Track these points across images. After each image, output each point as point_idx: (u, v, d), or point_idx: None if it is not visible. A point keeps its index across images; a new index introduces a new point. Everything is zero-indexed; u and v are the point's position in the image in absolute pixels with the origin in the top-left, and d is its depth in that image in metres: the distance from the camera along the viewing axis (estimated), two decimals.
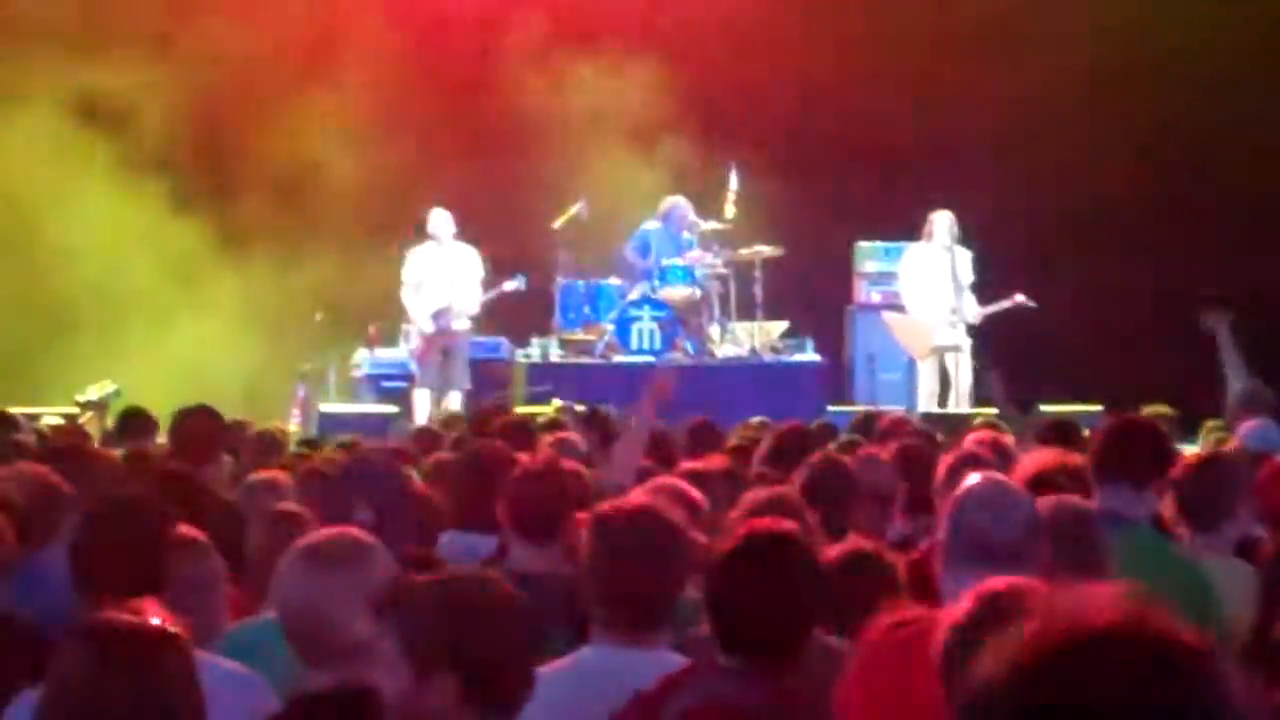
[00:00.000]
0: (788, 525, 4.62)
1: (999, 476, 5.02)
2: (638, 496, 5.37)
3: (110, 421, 12.46)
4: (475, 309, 16.84)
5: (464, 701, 3.68)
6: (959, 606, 3.60)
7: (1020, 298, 16.67)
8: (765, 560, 4.37)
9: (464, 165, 17.92)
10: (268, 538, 6.13)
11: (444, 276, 16.66)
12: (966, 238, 16.78)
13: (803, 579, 4.40)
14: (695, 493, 5.99)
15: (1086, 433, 8.60)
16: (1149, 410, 10.35)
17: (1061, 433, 8.37)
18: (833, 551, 5.30)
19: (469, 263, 16.75)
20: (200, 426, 8.24)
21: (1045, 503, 4.97)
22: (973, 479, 4.82)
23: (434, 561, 5.71)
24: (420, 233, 16.82)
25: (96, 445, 9.76)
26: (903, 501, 7.01)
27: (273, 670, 4.55)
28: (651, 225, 17.67)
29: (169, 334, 17.65)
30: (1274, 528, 6.58)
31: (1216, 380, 10.50)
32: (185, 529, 5.15)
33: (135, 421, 10.42)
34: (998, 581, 3.66)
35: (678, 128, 18.23)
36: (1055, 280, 17.19)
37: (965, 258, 16.76)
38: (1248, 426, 9.04)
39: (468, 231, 16.87)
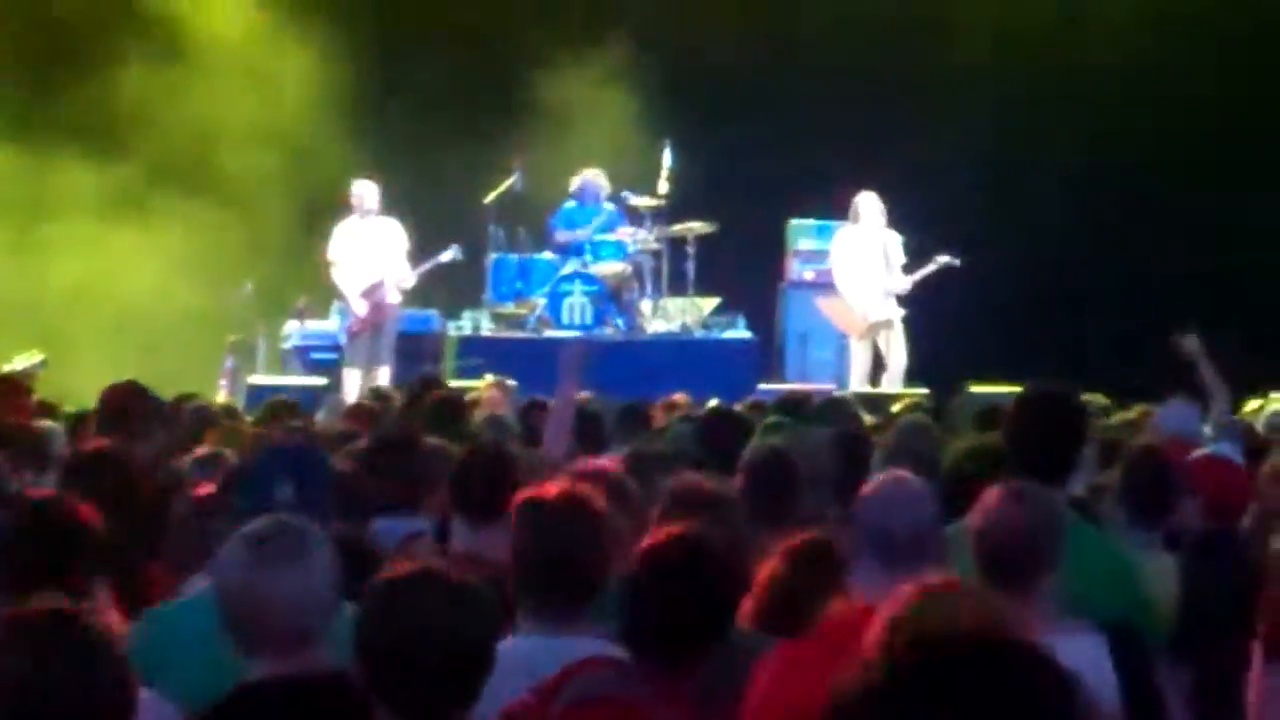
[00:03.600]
0: (697, 529, 4.68)
1: (900, 473, 5.09)
2: (564, 481, 5.36)
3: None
4: (411, 282, 16.75)
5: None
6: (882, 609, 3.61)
7: (944, 258, 16.65)
8: (672, 565, 4.47)
9: (394, 137, 17.85)
10: (186, 518, 6.10)
11: (370, 251, 16.55)
12: (896, 220, 16.80)
13: (711, 584, 4.47)
14: (625, 478, 5.97)
15: None
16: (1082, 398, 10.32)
17: (990, 421, 8.32)
18: (781, 544, 5.30)
19: (394, 236, 16.64)
20: (128, 401, 8.16)
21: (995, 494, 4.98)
22: (876, 477, 4.94)
23: (364, 545, 5.68)
24: (346, 206, 16.70)
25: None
26: (836, 486, 6.98)
27: (198, 651, 4.50)
28: (569, 204, 17.68)
29: (94, 303, 17.51)
30: (1213, 520, 6.60)
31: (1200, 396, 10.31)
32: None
33: (10, 388, 10.38)
34: (922, 583, 3.69)
35: (614, 102, 18.17)
36: (990, 257, 17.24)
37: (896, 240, 16.78)
38: (1164, 411, 9.04)
39: (397, 206, 16.77)
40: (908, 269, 16.77)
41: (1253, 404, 11.91)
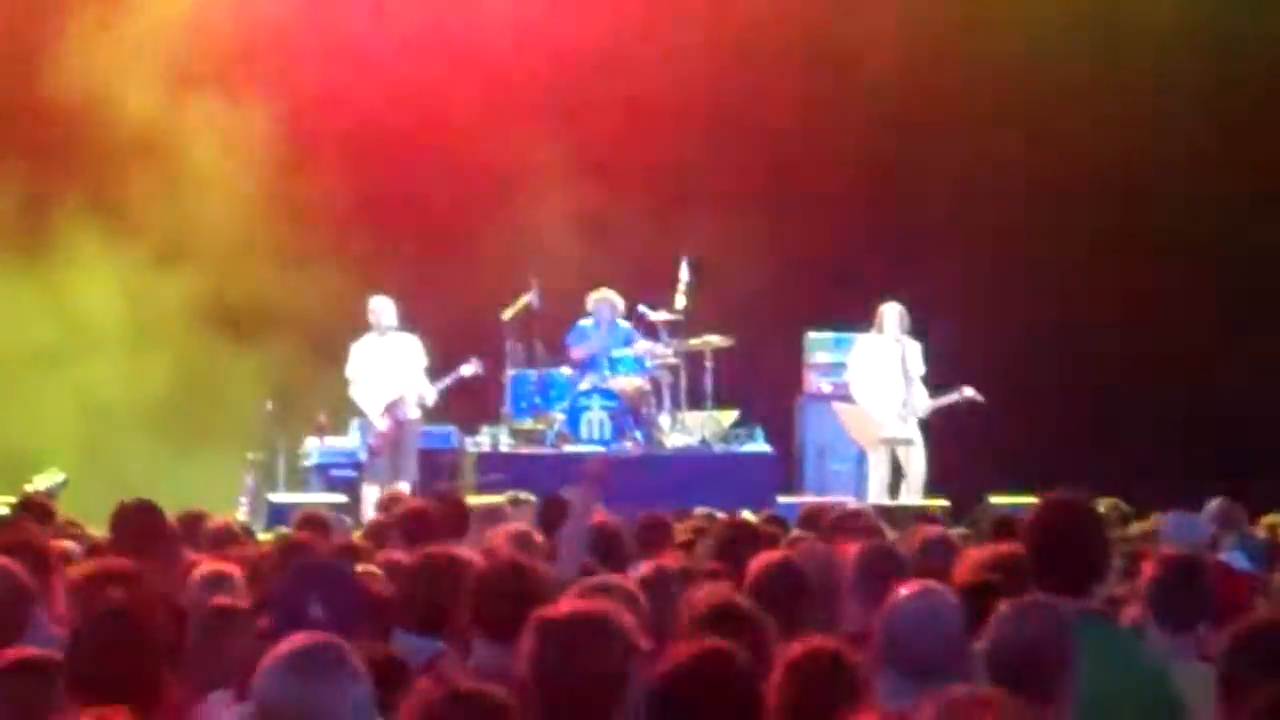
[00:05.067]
0: (719, 647, 4.68)
1: (929, 585, 5.08)
2: (581, 598, 5.38)
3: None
4: (432, 398, 16.79)
5: None
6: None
7: (969, 391, 16.72)
8: (695, 689, 4.45)
9: (414, 253, 17.96)
10: (207, 633, 6.15)
11: (389, 368, 16.62)
12: (918, 329, 16.86)
13: (736, 705, 4.47)
14: (635, 592, 5.99)
15: None
16: (1103, 502, 10.35)
17: (1007, 530, 8.31)
18: (793, 652, 5.29)
19: (412, 352, 16.72)
20: (141, 521, 8.24)
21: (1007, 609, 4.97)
22: (903, 590, 4.92)
23: (391, 661, 5.70)
24: (365, 323, 16.77)
25: None
26: (857, 597, 6.97)
27: None
28: (586, 322, 17.76)
29: (112, 420, 17.60)
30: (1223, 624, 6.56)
31: None
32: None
33: (34, 510, 10.45)
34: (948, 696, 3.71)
35: (631, 217, 18.26)
36: (1013, 366, 17.31)
37: (915, 349, 16.82)
38: (1168, 519, 9.04)
39: (417, 321, 16.84)
40: (928, 381, 16.81)
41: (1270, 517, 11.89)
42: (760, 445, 17.88)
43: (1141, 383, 18.29)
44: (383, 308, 16.69)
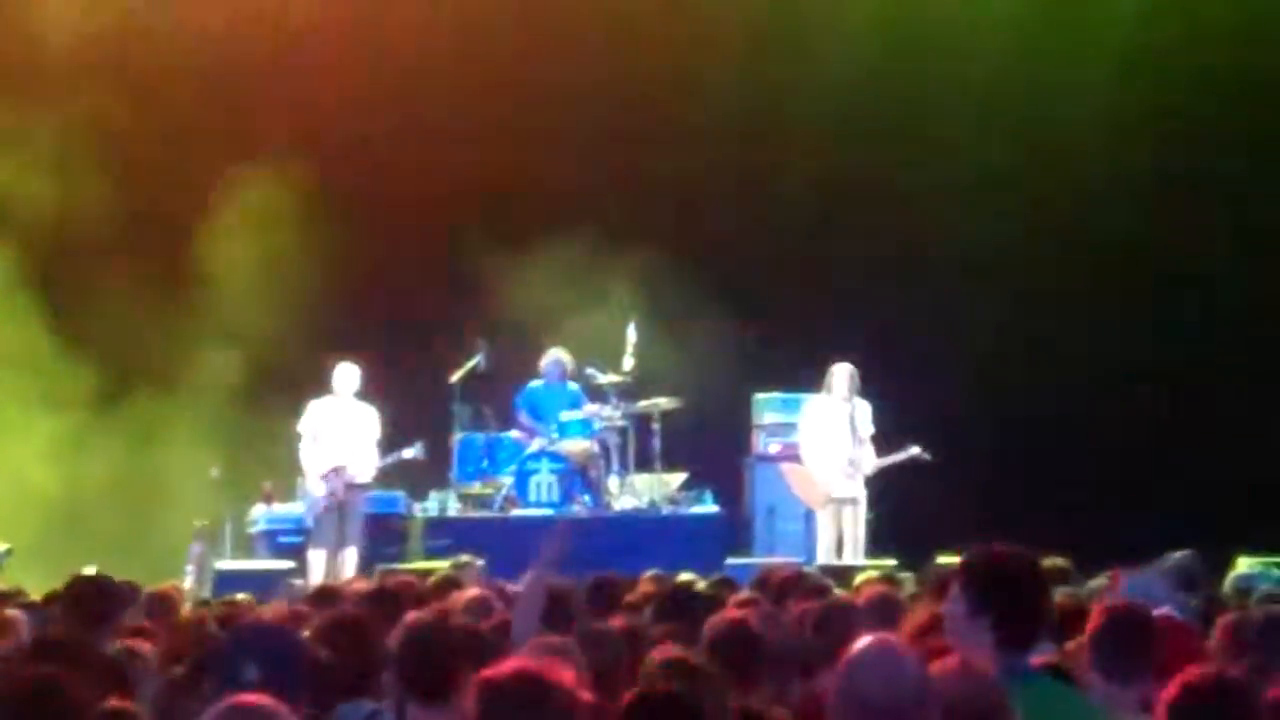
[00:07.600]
0: (678, 687, 4.64)
1: (888, 638, 5.00)
2: (523, 657, 5.34)
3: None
4: (370, 474, 16.67)
5: None
6: None
7: (915, 450, 16.70)
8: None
9: (366, 317, 17.93)
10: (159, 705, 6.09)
11: (340, 433, 16.52)
12: (867, 389, 16.84)
13: None
14: (577, 653, 5.96)
15: None
16: (1047, 563, 10.32)
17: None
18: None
19: (367, 423, 16.62)
20: (94, 594, 8.20)
21: (946, 668, 4.92)
22: (861, 641, 4.83)
23: None
24: (325, 387, 16.66)
25: None
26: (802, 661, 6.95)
27: None
28: (535, 384, 17.71)
29: (58, 486, 17.49)
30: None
31: None
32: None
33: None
34: None
35: (582, 279, 18.26)
36: (962, 425, 17.32)
37: (865, 410, 16.79)
38: (1128, 578, 9.04)
39: (370, 385, 16.77)
40: (876, 440, 16.79)
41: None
42: (709, 507, 17.84)
43: (1100, 441, 18.34)
44: (346, 373, 16.58)
